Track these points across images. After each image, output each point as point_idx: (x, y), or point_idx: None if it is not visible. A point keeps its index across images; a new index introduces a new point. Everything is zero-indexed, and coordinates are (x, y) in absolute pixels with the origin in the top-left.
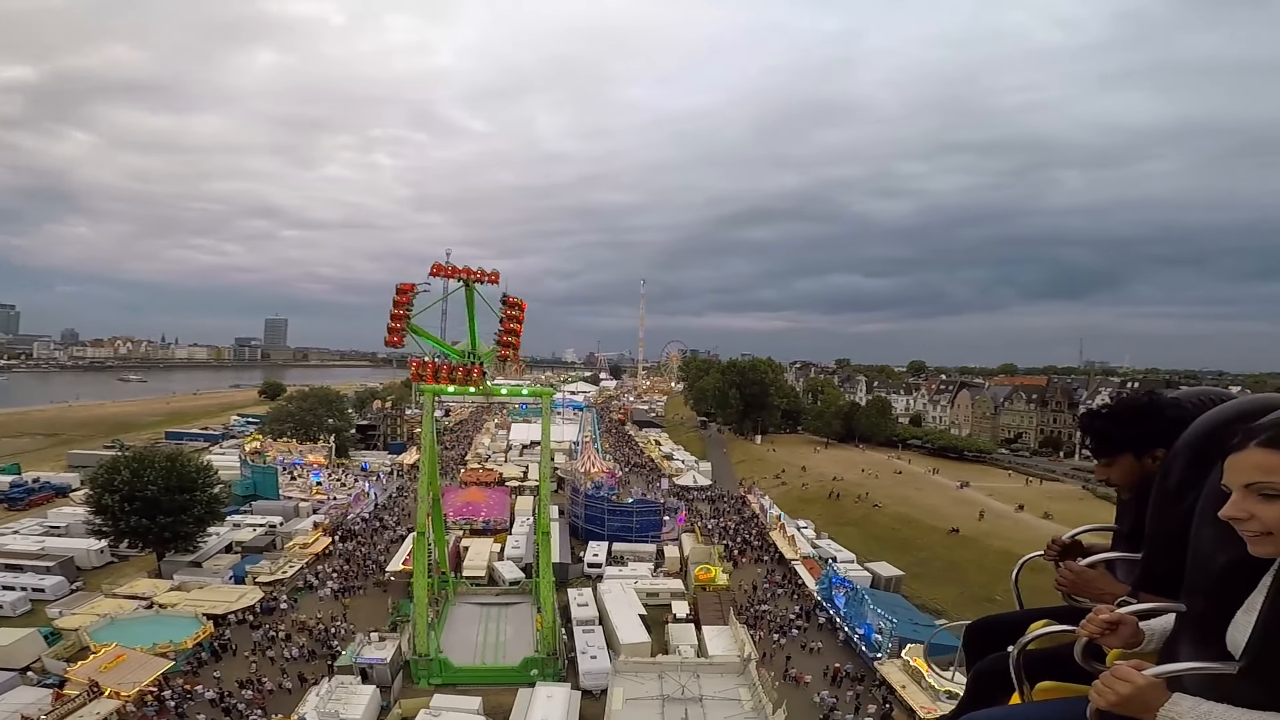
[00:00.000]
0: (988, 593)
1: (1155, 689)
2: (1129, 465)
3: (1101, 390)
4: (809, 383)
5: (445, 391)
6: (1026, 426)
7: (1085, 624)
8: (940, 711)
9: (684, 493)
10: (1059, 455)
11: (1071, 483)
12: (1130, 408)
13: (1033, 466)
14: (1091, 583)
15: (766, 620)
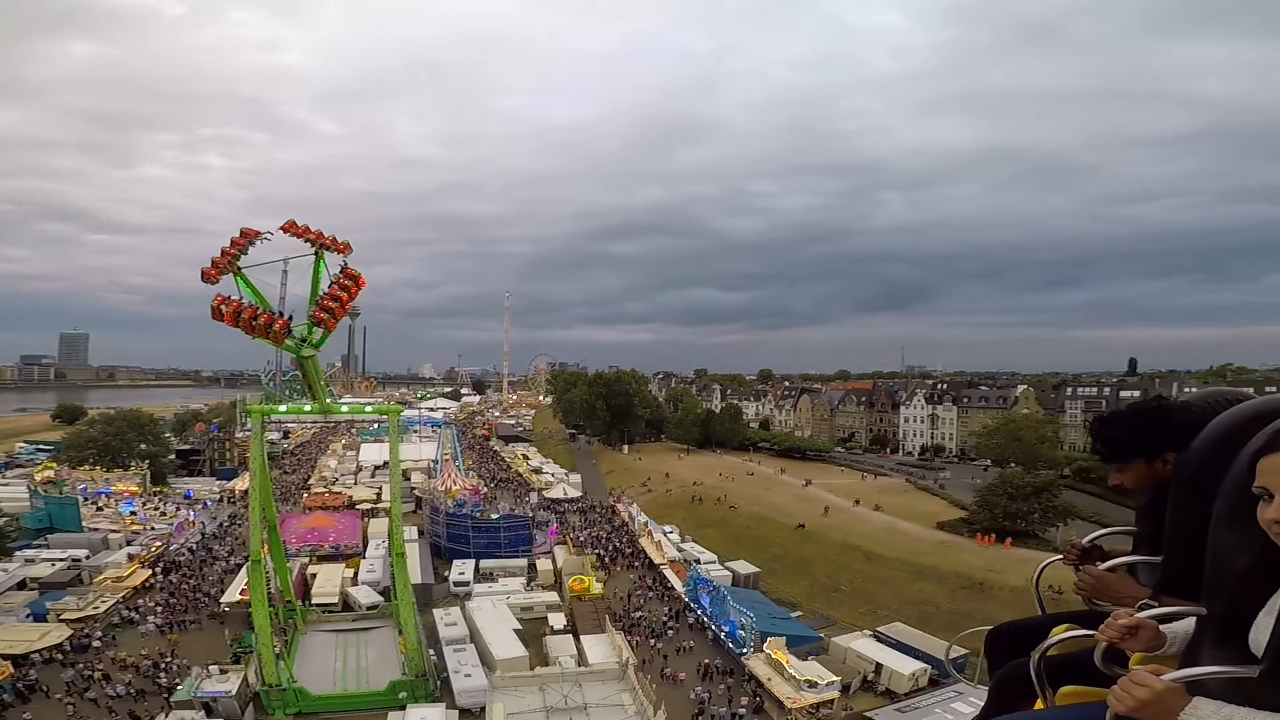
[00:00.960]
0: (834, 583)
1: (1175, 693)
2: (1141, 470)
3: (917, 391)
4: (670, 392)
5: (275, 411)
6: (858, 426)
7: (1105, 628)
8: (803, 701)
9: (555, 505)
10: (885, 451)
11: (897, 476)
12: (1140, 413)
13: (864, 463)
14: (1112, 586)
15: (641, 625)
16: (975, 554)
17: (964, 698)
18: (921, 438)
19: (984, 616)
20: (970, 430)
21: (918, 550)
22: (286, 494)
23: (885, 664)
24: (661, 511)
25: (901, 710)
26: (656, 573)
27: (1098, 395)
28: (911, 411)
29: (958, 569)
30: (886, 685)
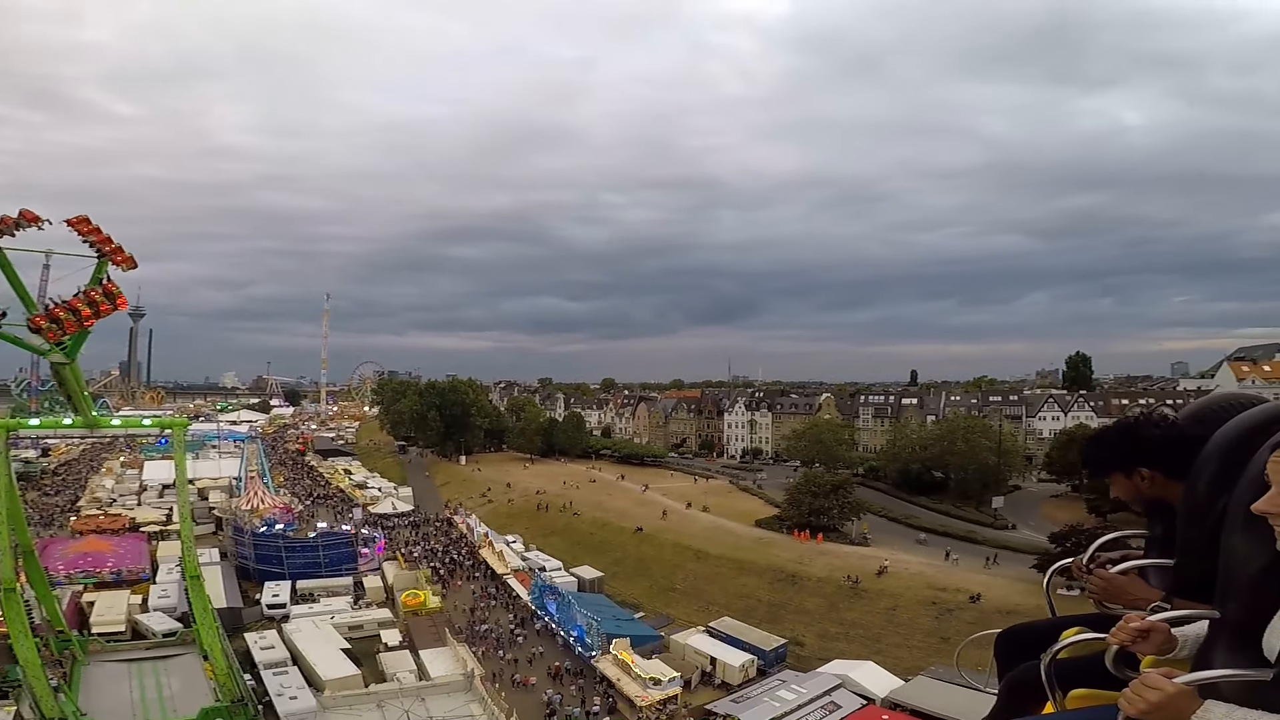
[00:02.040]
0: (670, 583)
1: (1186, 696)
2: (1122, 483)
3: (739, 399)
4: (512, 402)
5: (25, 425)
6: (689, 432)
7: (1116, 631)
8: (651, 698)
9: (383, 520)
10: (713, 455)
11: (722, 478)
12: (1113, 431)
13: (694, 467)
14: (1123, 589)
15: (489, 636)
16: (787, 548)
17: (787, 685)
18: (742, 442)
19: (796, 606)
20: (783, 434)
21: (740, 547)
22: (49, 518)
23: (719, 658)
24: (504, 522)
25: (736, 701)
26: (500, 583)
27: (884, 402)
28: (734, 418)
29: (773, 563)
30: (722, 678)
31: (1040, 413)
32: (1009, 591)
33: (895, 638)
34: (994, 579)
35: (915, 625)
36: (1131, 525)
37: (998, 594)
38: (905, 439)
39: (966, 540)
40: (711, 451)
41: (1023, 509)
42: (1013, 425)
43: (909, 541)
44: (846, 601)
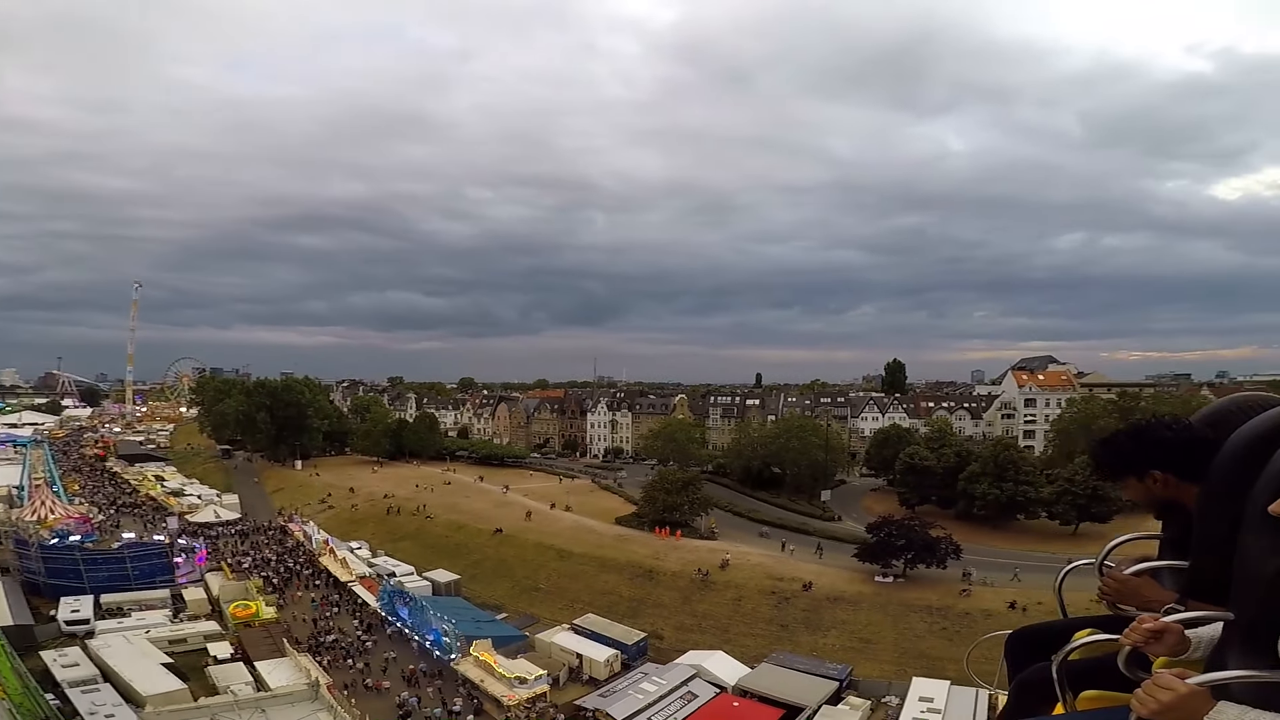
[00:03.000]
0: (533, 583)
1: (1199, 697)
2: (1134, 486)
3: (601, 399)
4: (357, 401)
5: None
6: (552, 432)
7: (1130, 632)
8: (518, 697)
9: (204, 530)
10: (576, 455)
11: (584, 478)
12: (1125, 435)
13: (558, 467)
14: (1136, 591)
15: (336, 645)
16: (645, 544)
17: (649, 678)
18: (605, 441)
19: (654, 600)
20: (641, 434)
21: (601, 545)
22: None
23: (584, 654)
24: (347, 528)
25: (603, 695)
26: (344, 590)
27: (731, 403)
28: (596, 418)
29: (632, 559)
30: (589, 674)
31: (863, 413)
32: (835, 579)
33: (742, 627)
34: (823, 568)
35: (758, 614)
36: (937, 517)
37: (826, 582)
38: (748, 438)
39: (800, 532)
40: (575, 451)
41: (847, 501)
42: (840, 425)
43: (752, 534)
44: (698, 594)
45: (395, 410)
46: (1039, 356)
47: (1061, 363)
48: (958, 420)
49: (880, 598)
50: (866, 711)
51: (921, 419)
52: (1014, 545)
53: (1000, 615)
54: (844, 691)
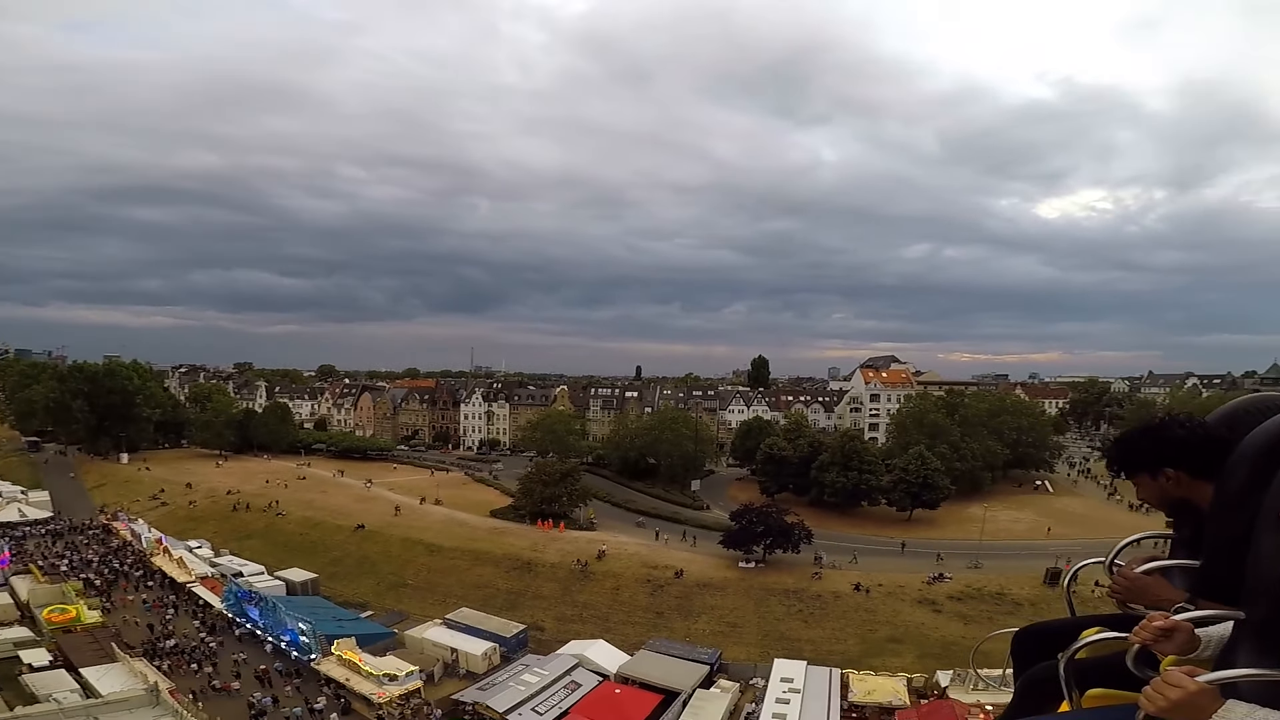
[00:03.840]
0: (400, 579)
1: (1208, 695)
2: (1147, 484)
3: (476, 390)
4: (195, 389)
5: None
6: (422, 424)
7: (1139, 630)
8: (390, 694)
9: (9, 530)
10: (448, 447)
11: (457, 471)
12: (1140, 432)
13: (428, 460)
14: (1147, 589)
15: (177, 649)
16: (522, 536)
17: (530, 669)
18: (480, 433)
19: (534, 592)
20: (519, 425)
21: (475, 538)
22: None
23: (459, 648)
24: (184, 526)
25: (483, 689)
26: (183, 592)
27: (611, 395)
28: (471, 409)
29: (509, 552)
30: (466, 668)
31: (730, 406)
32: (704, 566)
33: (621, 615)
34: (693, 555)
35: (635, 603)
36: (793, 504)
37: (696, 569)
38: (626, 429)
39: (673, 521)
40: (447, 444)
41: (715, 490)
42: (710, 417)
43: (629, 524)
44: (578, 585)
45: (242, 399)
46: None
47: (903, 362)
48: (813, 413)
49: (744, 583)
50: (736, 693)
51: (782, 412)
52: (858, 530)
53: (847, 596)
54: (715, 675)
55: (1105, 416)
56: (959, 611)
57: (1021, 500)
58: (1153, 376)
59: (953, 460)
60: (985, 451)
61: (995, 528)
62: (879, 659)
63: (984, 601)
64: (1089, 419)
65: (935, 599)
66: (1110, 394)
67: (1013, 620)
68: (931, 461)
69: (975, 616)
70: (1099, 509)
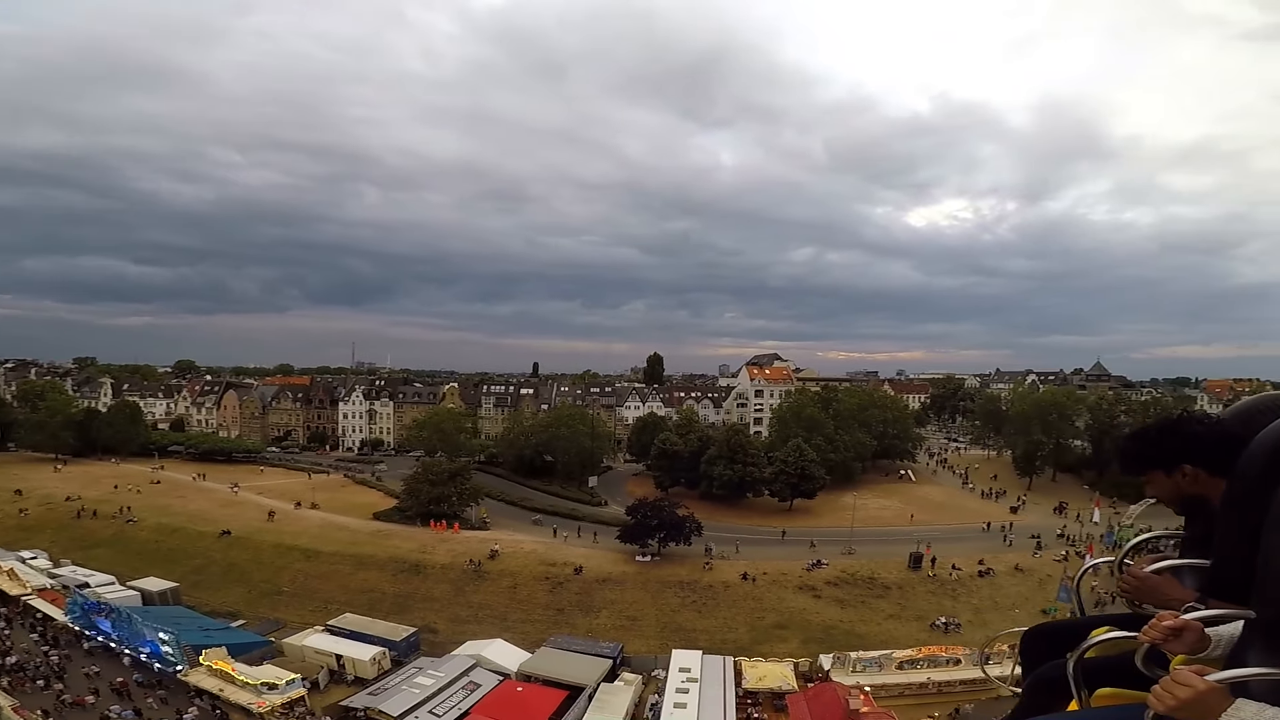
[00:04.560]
0: (274, 586)
1: (1217, 694)
2: (1161, 481)
3: (356, 387)
4: (26, 386)
5: None
6: (295, 424)
7: (1149, 629)
8: (271, 703)
9: None
10: (325, 448)
11: (337, 473)
12: (1154, 428)
13: (302, 461)
14: (1156, 589)
15: (19, 666)
16: (408, 539)
17: (424, 672)
18: (361, 433)
19: (424, 595)
20: (405, 424)
21: (357, 542)
22: None
23: (345, 654)
24: (15, 536)
25: (374, 694)
26: (17, 606)
27: (505, 392)
28: (351, 408)
29: (395, 555)
30: (354, 674)
31: (627, 403)
32: (603, 561)
33: (519, 614)
34: (592, 551)
35: (534, 600)
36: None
37: (595, 564)
38: (520, 427)
39: (571, 517)
40: (324, 444)
41: (613, 486)
42: (607, 413)
43: (526, 522)
44: (472, 585)
45: (82, 398)
46: (768, 354)
47: (785, 360)
48: (703, 409)
49: (642, 576)
50: (639, 685)
51: (675, 408)
52: (744, 520)
53: (736, 585)
54: (619, 668)
55: (960, 410)
56: (836, 596)
57: (888, 489)
58: (1000, 374)
59: (827, 452)
60: (856, 443)
61: (866, 515)
62: (768, 645)
63: (857, 586)
64: (946, 412)
65: (815, 585)
66: (964, 389)
67: (882, 603)
68: (808, 453)
69: (850, 601)
70: (955, 496)
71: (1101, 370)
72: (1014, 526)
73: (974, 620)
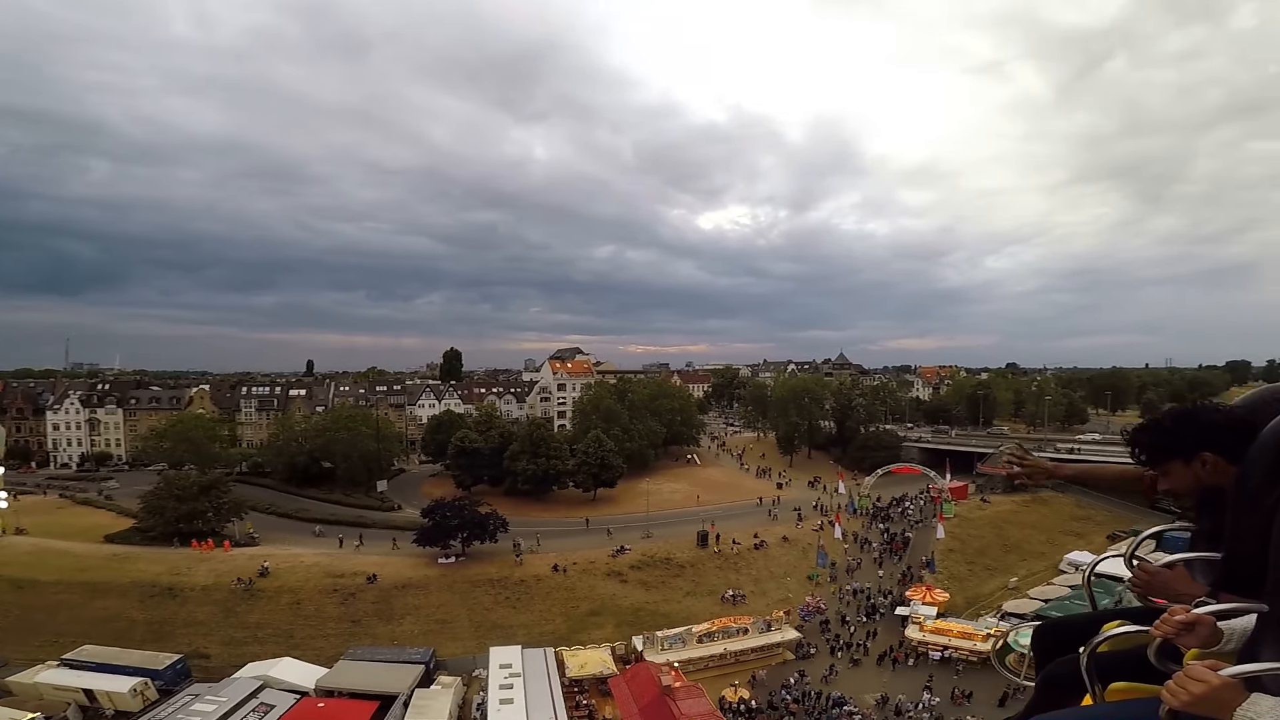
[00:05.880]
0: None
1: (1232, 689)
2: (1180, 472)
3: (71, 393)
4: None
5: None
6: None
7: (1159, 624)
8: None
9: None
10: (31, 466)
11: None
12: (1170, 417)
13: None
14: (1168, 583)
15: None
16: (155, 561)
17: (201, 698)
18: (81, 446)
19: (185, 619)
20: (140, 434)
21: (87, 568)
22: None
23: (97, 688)
24: None
25: None
26: None
27: (270, 394)
28: (64, 417)
29: (140, 579)
30: (113, 707)
31: (420, 401)
32: (400, 567)
33: (307, 630)
34: (387, 558)
35: (324, 614)
36: (489, 495)
37: (392, 571)
38: (290, 432)
39: (359, 525)
40: (28, 462)
41: (407, 489)
42: (396, 413)
43: (305, 534)
44: (244, 605)
45: None
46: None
47: (586, 354)
48: (506, 404)
49: (447, 578)
50: (460, 687)
51: (475, 404)
52: (550, 514)
53: (548, 578)
54: (434, 672)
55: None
56: (641, 579)
57: (678, 473)
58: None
59: (624, 441)
60: (649, 432)
61: (660, 499)
62: (585, 633)
63: (657, 567)
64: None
65: (621, 570)
66: (739, 379)
67: (679, 582)
68: (607, 444)
69: (653, 582)
70: (733, 476)
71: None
72: (780, 501)
73: (755, 590)
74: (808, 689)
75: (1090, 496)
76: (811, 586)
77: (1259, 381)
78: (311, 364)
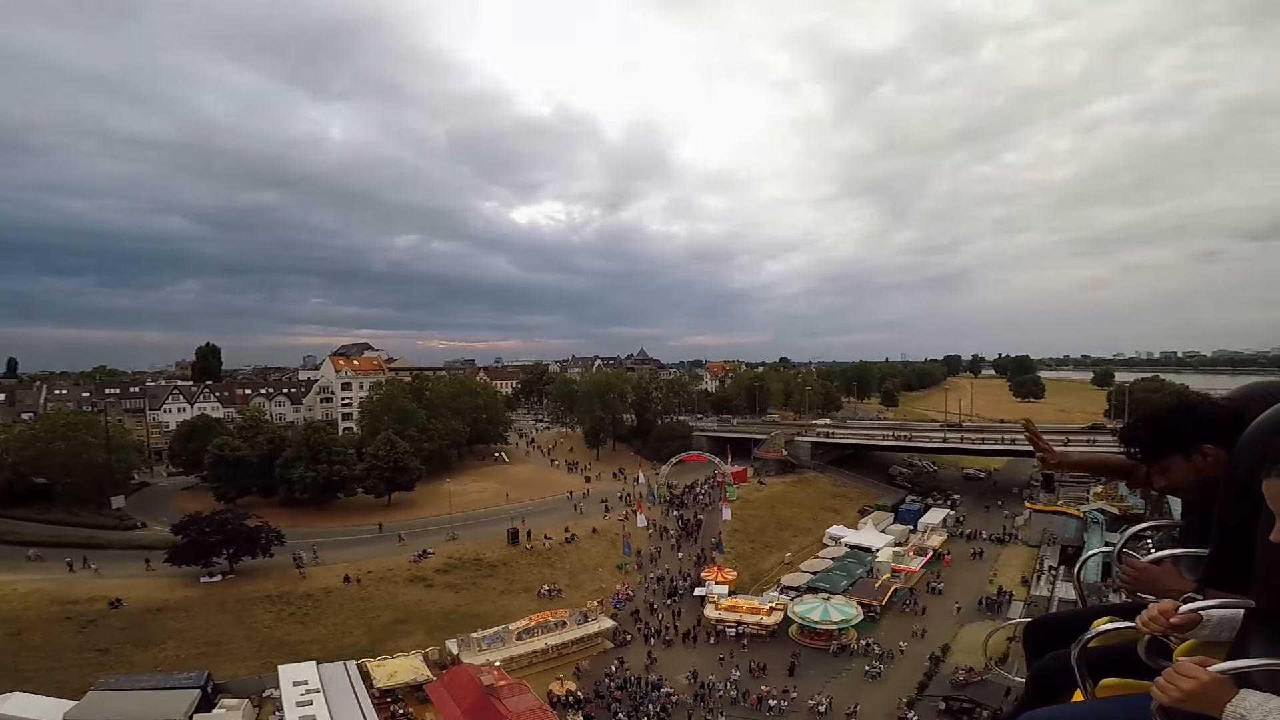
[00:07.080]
0: None
1: (1221, 684)
2: (1181, 467)
3: None
4: None
5: None
6: None
7: (1142, 619)
8: None
9: None
10: None
11: None
12: (1167, 412)
13: None
14: (1155, 579)
15: None
16: None
17: None
18: None
19: None
20: None
21: None
22: None
23: None
24: None
25: None
26: None
27: None
28: None
29: None
30: None
31: (166, 405)
32: (152, 590)
33: (38, 663)
34: (135, 581)
35: (58, 645)
36: (260, 507)
37: (142, 594)
38: None
39: (89, 547)
40: None
41: (155, 505)
42: (134, 419)
43: (17, 559)
44: None
45: None
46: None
47: (376, 350)
48: (277, 406)
49: (214, 598)
50: (249, 709)
51: (238, 407)
52: (337, 523)
53: (339, 589)
54: (213, 697)
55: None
56: (448, 582)
57: (485, 471)
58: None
59: (422, 442)
60: (450, 431)
61: (465, 500)
62: (391, 642)
63: (466, 569)
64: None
65: (425, 575)
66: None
67: (492, 581)
68: (401, 445)
69: (463, 584)
70: (542, 472)
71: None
72: (588, 494)
73: (570, 584)
74: (629, 675)
75: (844, 476)
76: (621, 575)
77: (967, 374)
78: (14, 363)
